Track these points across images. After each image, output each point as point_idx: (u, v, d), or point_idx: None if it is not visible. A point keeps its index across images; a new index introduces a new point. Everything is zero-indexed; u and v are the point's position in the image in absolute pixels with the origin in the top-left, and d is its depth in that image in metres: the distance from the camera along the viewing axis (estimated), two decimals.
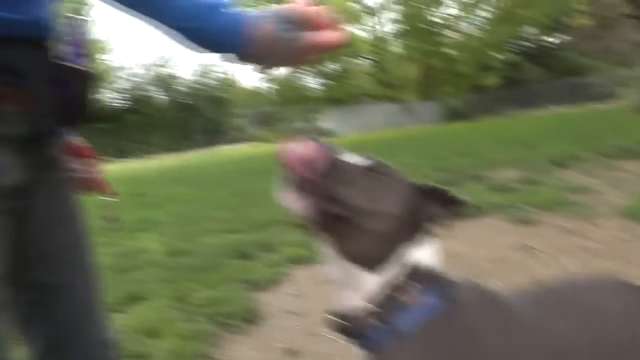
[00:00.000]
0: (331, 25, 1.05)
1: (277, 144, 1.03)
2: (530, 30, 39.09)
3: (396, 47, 50.67)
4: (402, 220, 1.08)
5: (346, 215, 1.04)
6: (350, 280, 1.09)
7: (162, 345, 2.73)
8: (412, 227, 1.10)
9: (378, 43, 47.24)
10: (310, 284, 3.69)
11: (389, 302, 1.06)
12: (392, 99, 45.55)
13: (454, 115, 43.12)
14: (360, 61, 46.35)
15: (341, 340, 1.13)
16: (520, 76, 41.84)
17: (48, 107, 1.07)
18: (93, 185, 1.38)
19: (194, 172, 13.60)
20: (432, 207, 1.10)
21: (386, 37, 48.85)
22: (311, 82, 47.08)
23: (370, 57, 48.20)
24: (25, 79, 1.01)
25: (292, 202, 1.06)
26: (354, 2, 47.41)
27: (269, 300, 3.39)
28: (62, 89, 1.09)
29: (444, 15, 45.52)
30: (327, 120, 40.46)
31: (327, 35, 1.03)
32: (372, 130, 34.18)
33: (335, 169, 1.06)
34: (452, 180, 6.67)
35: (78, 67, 1.13)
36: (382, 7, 48.18)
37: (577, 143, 9.75)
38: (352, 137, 23.78)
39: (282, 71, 45.89)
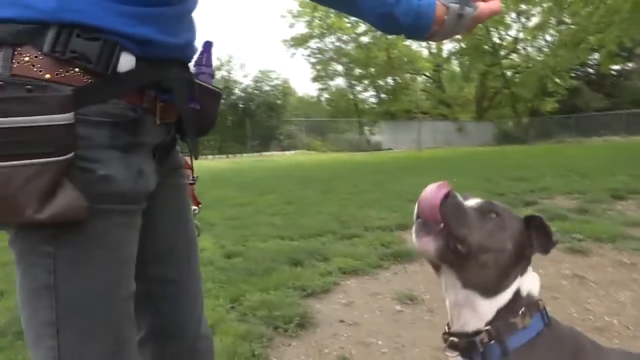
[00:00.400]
0: None
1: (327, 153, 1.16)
2: (593, 57, 38.17)
3: (456, 66, 50.35)
4: (515, 253, 1.24)
5: (468, 252, 1.19)
6: (469, 305, 1.24)
7: (216, 343, 2.85)
8: (521, 258, 1.26)
9: (437, 60, 47.04)
10: (361, 294, 3.77)
11: (503, 325, 1.21)
12: (447, 117, 45.22)
13: (508, 138, 42.41)
14: (417, 77, 46.22)
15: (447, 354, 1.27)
16: (579, 103, 40.84)
17: (186, 121, 1.21)
18: (189, 195, 1.50)
19: (246, 176, 13.86)
20: (535, 238, 1.27)
21: (446, 55, 48.62)
22: (366, 94, 47.25)
23: (428, 74, 48.03)
24: (171, 95, 1.15)
25: (423, 243, 1.21)
26: None
27: (320, 308, 3.49)
28: (197, 105, 1.23)
29: (507, 37, 45.01)
30: (379, 134, 40.42)
31: (492, 5, 1.21)
32: (424, 147, 34.00)
33: (457, 212, 1.21)
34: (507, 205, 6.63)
35: (211, 87, 1.29)
36: None
37: (636, 176, 9.55)
38: (404, 152, 23.65)
39: (337, 82, 46.13)
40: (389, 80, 46.45)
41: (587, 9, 26.89)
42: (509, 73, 45.09)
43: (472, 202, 1.29)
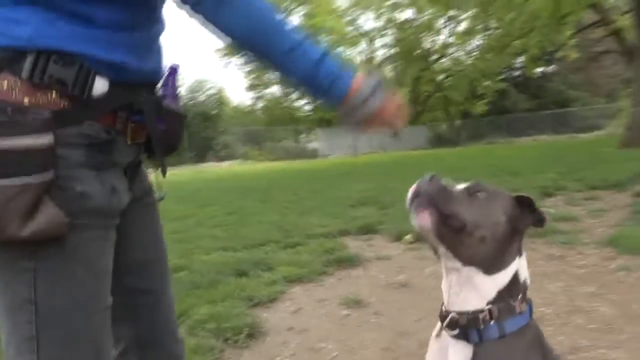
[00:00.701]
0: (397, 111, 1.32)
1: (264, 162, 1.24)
2: (519, 60, 39.74)
3: (388, 72, 51.25)
4: (509, 226, 1.30)
5: (464, 227, 1.26)
6: (470, 283, 1.29)
7: None
8: (515, 234, 1.32)
9: (370, 67, 47.73)
10: (307, 301, 3.83)
11: (504, 306, 1.26)
12: None
13: (441, 140, 43.55)
14: None
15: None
16: (508, 105, 42.41)
17: (155, 141, 1.27)
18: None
19: (185, 188, 13.69)
20: (526, 215, 1.34)
21: (380, 60, 49.41)
22: (301, 102, 47.46)
23: None
24: (142, 117, 1.21)
25: (421, 221, 1.28)
26: (350, 25, 48.04)
27: (268, 317, 3.52)
28: (164, 126, 1.29)
29: (438, 42, 46.21)
30: (316, 141, 40.67)
31: (394, 115, 1.31)
32: (360, 152, 34.41)
33: (444, 193, 1.30)
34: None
35: (176, 109, 1.35)
36: (377, 32, 48.83)
37: (564, 173, 10.03)
38: (339, 159, 23.89)
39: (272, 90, 46.15)
40: None
41: (510, 15, 28.04)
42: (440, 77, 46.34)
43: (460, 185, 1.37)
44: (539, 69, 40.18)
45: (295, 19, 42.12)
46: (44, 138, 0.99)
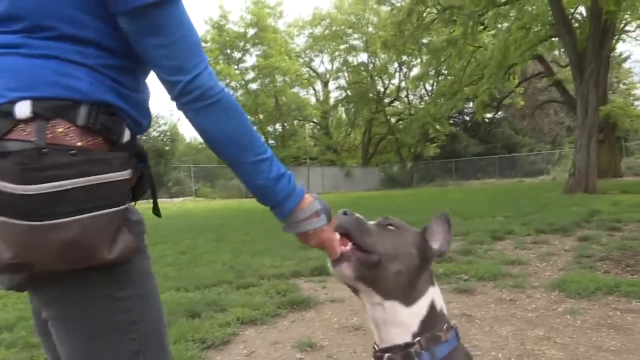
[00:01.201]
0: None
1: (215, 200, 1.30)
2: (469, 105, 41.06)
3: (342, 114, 52.06)
4: (420, 256, 1.38)
5: (379, 260, 1.32)
6: (393, 317, 1.35)
7: None
8: (425, 264, 1.40)
9: (324, 107, 48.42)
10: (261, 344, 3.77)
11: (430, 337, 1.33)
12: (335, 163, 46.39)
13: (393, 182, 44.25)
14: (306, 124, 47.21)
15: None
16: (458, 148, 43.54)
17: (147, 182, 1.41)
18: None
19: None
20: (433, 240, 1.44)
21: (333, 102, 50.20)
22: None
23: (316, 120, 49.24)
24: (144, 163, 1.36)
25: (340, 269, 1.36)
26: (306, 66, 48.76)
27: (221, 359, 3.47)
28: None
29: (391, 86, 47.31)
30: None
31: (335, 243, 1.37)
32: (313, 192, 34.52)
33: (359, 225, 1.38)
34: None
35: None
36: (331, 74, 49.69)
37: (512, 217, 10.31)
38: None
39: None
40: (277, 126, 47.11)
41: (461, 63, 29.14)
42: (393, 120, 47.31)
43: (374, 220, 1.45)
44: (488, 115, 41.57)
45: (250, 59, 42.48)
46: (124, 172, 1.15)
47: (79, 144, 1.12)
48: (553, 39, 22.04)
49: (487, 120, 44.93)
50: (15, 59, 1.12)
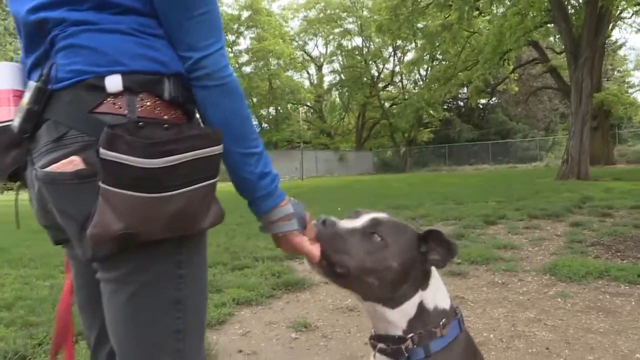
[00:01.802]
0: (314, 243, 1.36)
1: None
2: (463, 91, 41.06)
3: (336, 97, 51.94)
4: (402, 269, 1.32)
5: (348, 274, 1.31)
6: (380, 314, 1.36)
7: None
8: (411, 272, 1.35)
9: (318, 91, 48.27)
10: (256, 324, 3.82)
11: (424, 333, 1.33)
12: (328, 147, 46.39)
13: (387, 166, 44.30)
14: (299, 107, 47.09)
15: None
16: (452, 134, 43.57)
17: None
18: None
19: None
20: (433, 250, 1.37)
21: (327, 86, 50.02)
22: None
23: (309, 104, 49.13)
24: None
25: (312, 268, 1.37)
26: (300, 50, 48.51)
27: (217, 339, 3.48)
28: None
29: (385, 70, 47.16)
30: None
31: (311, 249, 1.34)
32: (306, 176, 34.53)
33: (333, 239, 1.33)
34: (397, 221, 6.96)
35: None
36: (325, 58, 49.47)
37: (504, 203, 10.39)
38: (286, 182, 23.88)
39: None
40: (271, 110, 47.01)
41: (456, 48, 29.08)
42: (387, 104, 47.25)
43: (358, 222, 1.38)
44: (482, 101, 41.58)
45: (244, 42, 42.20)
46: (220, 148, 1.17)
47: (166, 117, 1.18)
48: (549, 25, 22.01)
49: (481, 106, 45.02)
50: (93, 35, 1.14)
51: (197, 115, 1.29)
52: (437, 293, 1.39)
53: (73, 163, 1.10)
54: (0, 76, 1.30)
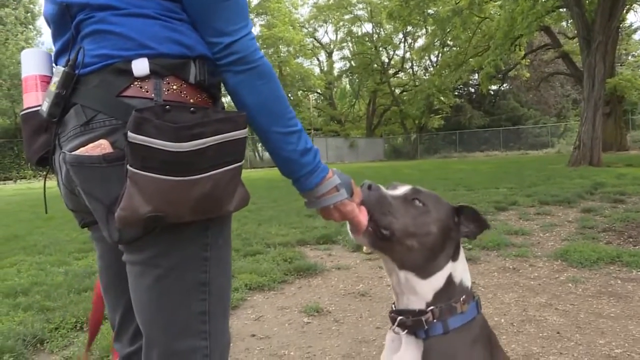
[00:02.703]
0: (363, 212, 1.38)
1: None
2: (474, 77, 40.76)
3: (346, 84, 51.77)
4: (441, 236, 1.37)
5: (393, 236, 1.34)
6: (409, 285, 1.39)
7: None
8: (448, 240, 1.40)
9: (329, 78, 48.13)
10: (269, 309, 3.86)
11: (445, 307, 1.35)
12: (339, 134, 46.33)
13: (397, 153, 44.21)
14: (310, 94, 47.01)
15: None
16: (463, 120, 43.33)
17: None
18: None
19: None
20: (464, 224, 1.43)
21: (337, 73, 49.85)
22: None
23: (320, 91, 49.03)
24: None
25: (357, 237, 1.38)
26: (310, 37, 48.33)
27: (230, 324, 3.53)
28: None
29: (396, 57, 46.89)
30: None
31: (360, 216, 1.36)
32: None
33: (380, 202, 1.38)
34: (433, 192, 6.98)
35: None
36: (335, 44, 49.26)
37: (516, 189, 10.36)
38: None
39: (225, 100, 45.87)
40: None
41: (467, 33, 28.85)
42: (397, 91, 47.05)
43: (399, 190, 1.44)
44: (493, 87, 41.27)
45: (254, 29, 42.16)
46: (245, 132, 1.18)
47: (192, 100, 1.20)
48: (560, 9, 21.79)
49: (492, 92, 44.63)
50: (119, 19, 1.15)
51: (222, 99, 1.30)
52: (464, 268, 1.44)
53: (101, 146, 1.12)
54: (27, 63, 1.33)
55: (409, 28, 41.34)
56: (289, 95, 45.67)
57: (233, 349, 3.12)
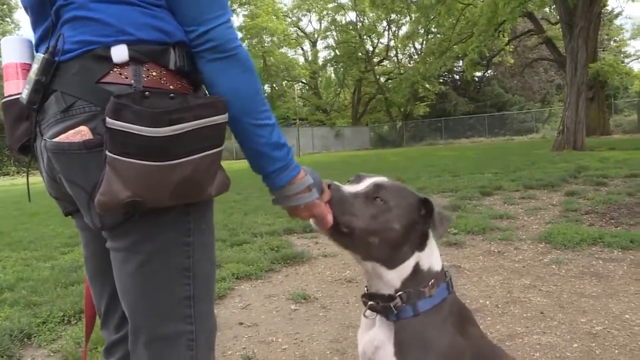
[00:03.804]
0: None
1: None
2: (458, 64, 40.84)
3: (331, 73, 51.64)
4: (404, 231, 1.38)
5: (352, 232, 1.36)
6: (376, 274, 1.42)
7: None
8: (412, 234, 1.41)
9: (313, 67, 47.99)
10: (256, 297, 3.88)
11: (413, 292, 1.38)
12: (324, 123, 46.26)
13: (383, 141, 44.25)
14: (294, 84, 46.86)
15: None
16: (448, 107, 43.43)
17: None
18: None
19: None
20: (429, 216, 1.42)
21: (322, 62, 49.69)
22: None
23: (304, 81, 48.89)
24: None
25: (320, 228, 1.39)
26: (294, 26, 48.11)
27: (218, 312, 3.54)
28: None
29: (380, 45, 46.81)
30: None
31: (328, 216, 1.37)
32: (303, 152, 34.51)
33: (340, 201, 1.38)
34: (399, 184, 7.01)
35: None
36: (319, 34, 49.09)
37: (501, 174, 10.44)
38: None
39: None
40: (266, 87, 46.73)
41: (450, 20, 28.85)
42: (382, 79, 47.01)
43: (361, 185, 1.45)
44: (478, 73, 41.36)
45: (237, 19, 41.88)
46: (225, 117, 1.19)
47: (172, 87, 1.20)
48: None
49: (476, 79, 44.73)
50: (98, 6, 1.14)
51: (203, 86, 1.30)
52: (432, 255, 1.45)
53: (81, 133, 1.13)
54: (7, 50, 1.32)
55: (393, 16, 41.27)
56: (274, 85, 45.51)
57: (221, 338, 3.14)
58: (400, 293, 1.37)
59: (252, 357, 2.84)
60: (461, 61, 34.76)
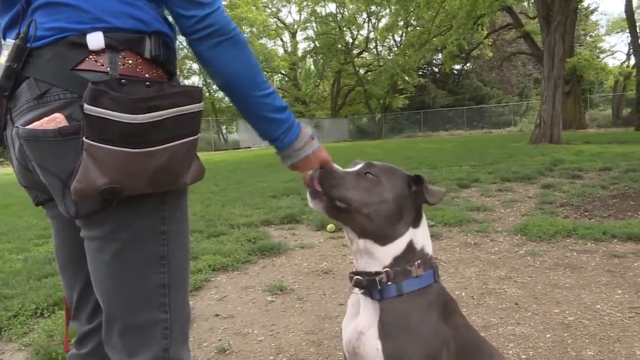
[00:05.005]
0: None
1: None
2: (437, 57, 40.99)
3: (310, 65, 51.49)
4: (396, 203, 1.42)
5: (349, 206, 1.39)
6: (368, 251, 1.43)
7: None
8: (404, 207, 1.44)
9: (292, 59, 47.81)
10: (232, 289, 3.86)
11: (400, 270, 1.39)
12: (304, 115, 46.15)
13: (363, 133, 44.33)
14: (274, 75, 46.64)
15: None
16: (427, 100, 43.61)
17: None
18: None
19: None
20: (420, 192, 1.45)
21: (301, 53, 49.52)
22: (222, 93, 46.78)
23: (284, 72, 48.70)
24: None
25: (314, 204, 1.44)
26: (273, 17, 47.86)
27: (194, 304, 3.52)
28: None
29: (360, 37, 46.76)
30: (237, 133, 40.37)
31: (330, 160, 1.51)
32: None
33: (331, 178, 1.44)
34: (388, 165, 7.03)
35: None
36: (299, 25, 48.90)
37: (478, 166, 10.53)
38: (262, 150, 23.81)
39: (193, 81, 45.24)
40: None
41: (430, 13, 28.92)
42: (362, 71, 46.99)
43: (354, 166, 1.51)
44: (457, 66, 41.59)
45: None
46: (201, 105, 1.20)
47: (147, 75, 1.20)
48: None
49: (455, 72, 45.00)
50: None
51: (177, 74, 1.32)
52: (426, 236, 1.48)
53: (56, 120, 1.11)
54: None
55: (373, 8, 41.21)
56: None
57: (197, 329, 3.12)
58: (387, 270, 1.39)
59: (227, 349, 2.83)
60: (440, 54, 34.88)
